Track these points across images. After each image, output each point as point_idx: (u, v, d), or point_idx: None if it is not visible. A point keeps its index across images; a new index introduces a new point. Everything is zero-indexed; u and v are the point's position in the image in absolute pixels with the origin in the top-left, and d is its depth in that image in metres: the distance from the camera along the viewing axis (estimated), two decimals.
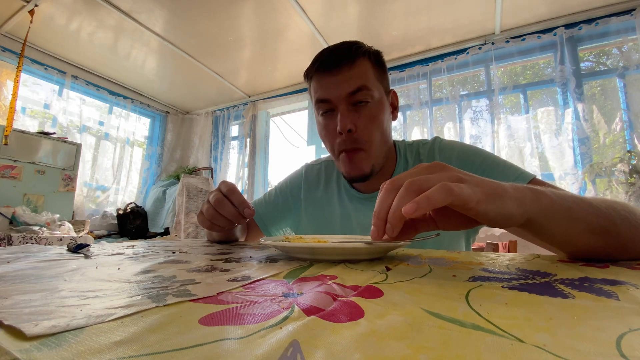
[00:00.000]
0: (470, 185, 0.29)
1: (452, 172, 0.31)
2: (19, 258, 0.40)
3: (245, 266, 0.35)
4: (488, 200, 0.29)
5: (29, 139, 2.52)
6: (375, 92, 0.63)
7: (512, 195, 0.30)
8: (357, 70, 0.62)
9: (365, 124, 0.62)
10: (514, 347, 0.13)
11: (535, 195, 0.32)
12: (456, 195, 0.27)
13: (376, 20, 2.38)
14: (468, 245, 0.71)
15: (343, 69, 0.62)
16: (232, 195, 0.57)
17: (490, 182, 0.31)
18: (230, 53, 2.85)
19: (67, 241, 1.44)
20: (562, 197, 0.33)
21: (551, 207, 0.32)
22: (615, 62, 2.28)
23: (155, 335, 0.15)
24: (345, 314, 0.18)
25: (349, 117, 0.62)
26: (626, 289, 0.22)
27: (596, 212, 0.34)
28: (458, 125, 2.60)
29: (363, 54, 0.63)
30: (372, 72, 0.64)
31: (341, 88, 0.62)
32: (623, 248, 0.35)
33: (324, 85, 0.64)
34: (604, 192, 2.05)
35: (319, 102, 0.65)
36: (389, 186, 0.32)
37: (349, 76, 0.61)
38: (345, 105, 0.62)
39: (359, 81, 0.61)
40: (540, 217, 0.32)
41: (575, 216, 0.33)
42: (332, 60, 0.63)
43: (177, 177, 3.60)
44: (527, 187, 0.33)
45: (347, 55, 0.62)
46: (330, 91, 0.63)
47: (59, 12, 2.36)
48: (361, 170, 0.64)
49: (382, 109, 0.65)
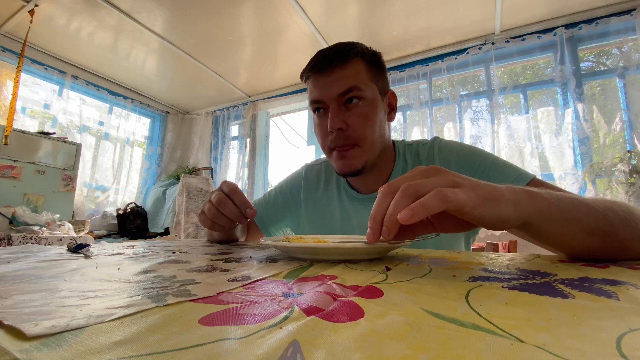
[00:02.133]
0: (465, 189, 0.29)
1: (448, 175, 0.31)
2: (19, 258, 0.40)
3: (245, 266, 0.35)
4: (483, 204, 0.29)
5: (29, 139, 2.52)
6: (367, 92, 0.63)
7: (508, 198, 0.30)
8: (348, 70, 0.63)
9: (356, 122, 0.63)
10: (514, 347, 0.13)
11: (531, 198, 0.32)
12: (450, 201, 0.27)
13: (376, 20, 2.38)
14: (468, 245, 0.71)
15: (335, 69, 0.63)
16: (234, 195, 0.57)
17: (487, 185, 0.31)
18: (230, 53, 2.85)
19: (67, 241, 1.44)
20: (559, 199, 0.33)
21: (547, 210, 0.32)
22: (615, 62, 2.28)
23: (155, 335, 0.15)
24: (345, 314, 0.18)
25: (339, 116, 0.62)
26: (626, 289, 0.22)
27: (593, 213, 0.34)
28: (458, 125, 2.60)
29: (356, 55, 0.64)
30: (365, 73, 0.64)
31: (332, 88, 0.63)
32: (621, 249, 0.35)
33: (317, 85, 0.65)
34: (604, 192, 2.05)
35: (312, 102, 0.67)
36: (385, 189, 0.32)
37: (340, 77, 0.62)
38: (336, 105, 0.63)
39: (350, 82, 0.62)
40: (536, 220, 0.32)
41: (571, 218, 0.33)
42: (325, 61, 0.64)
43: (177, 177, 3.60)
44: (523, 189, 0.33)
45: (339, 57, 0.63)
46: (322, 91, 0.64)
47: (59, 12, 2.36)
48: (353, 167, 0.64)
49: (374, 109, 0.65)
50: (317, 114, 0.68)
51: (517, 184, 0.57)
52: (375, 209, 0.32)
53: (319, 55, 0.65)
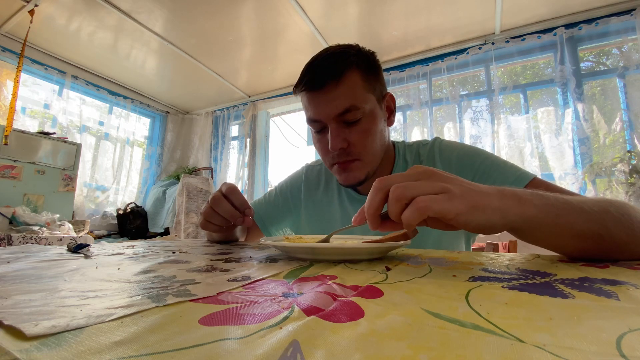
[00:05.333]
0: (451, 197, 0.30)
1: (438, 181, 0.32)
2: (19, 258, 0.40)
3: (245, 266, 0.35)
4: (468, 212, 0.30)
5: (29, 139, 2.52)
6: (366, 106, 0.60)
7: (495, 206, 0.31)
8: (343, 88, 0.59)
9: (358, 138, 0.61)
10: (514, 347, 0.13)
11: (520, 205, 0.32)
12: (430, 211, 0.29)
13: (376, 21, 2.38)
14: (468, 245, 0.71)
15: (329, 88, 0.59)
16: (232, 195, 0.57)
17: (475, 192, 0.31)
18: (230, 53, 2.85)
19: (67, 241, 1.44)
20: (552, 205, 0.33)
21: (536, 216, 0.32)
22: (615, 62, 2.28)
23: (155, 335, 0.15)
24: (345, 314, 0.18)
25: (339, 135, 0.60)
26: (626, 289, 0.22)
27: (587, 217, 0.34)
28: (458, 125, 2.60)
29: (350, 66, 0.60)
30: (361, 85, 0.60)
31: (329, 108, 0.60)
32: (617, 250, 0.35)
33: (312, 104, 0.62)
34: (604, 192, 2.05)
35: (310, 121, 0.64)
36: (377, 185, 0.33)
37: (336, 96, 0.59)
38: (335, 125, 0.60)
39: (347, 102, 0.59)
40: (524, 226, 0.33)
41: (562, 223, 0.33)
42: (317, 78, 0.60)
43: (177, 177, 3.60)
44: (514, 195, 0.33)
45: (332, 72, 0.59)
46: (318, 110, 0.61)
47: (59, 12, 2.36)
48: (355, 179, 0.64)
49: (374, 121, 0.62)
50: (314, 130, 0.65)
51: (517, 183, 0.57)
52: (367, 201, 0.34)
53: (311, 70, 0.61)
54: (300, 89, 0.63)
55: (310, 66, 0.62)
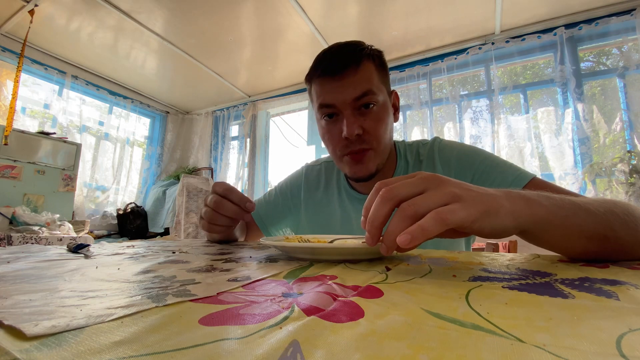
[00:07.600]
0: (465, 204, 0.29)
1: (448, 188, 0.30)
2: (19, 258, 0.40)
3: (245, 266, 0.34)
4: (483, 218, 0.29)
5: (29, 139, 2.52)
6: (380, 96, 0.62)
7: (507, 209, 0.30)
8: (362, 74, 0.60)
9: (372, 126, 0.61)
10: (514, 347, 0.13)
11: (529, 207, 0.31)
12: (449, 223, 0.28)
13: (376, 20, 2.38)
14: (468, 245, 0.71)
15: (348, 73, 0.60)
16: (231, 194, 0.57)
17: (486, 196, 0.30)
18: (230, 53, 2.85)
19: (67, 241, 1.44)
20: (558, 205, 0.33)
21: (545, 217, 0.32)
22: (615, 62, 2.28)
23: (155, 335, 0.15)
24: (345, 314, 0.18)
25: (356, 122, 0.60)
26: (626, 289, 0.22)
27: (593, 218, 0.33)
28: (458, 125, 2.60)
29: (367, 57, 0.62)
30: (376, 75, 0.62)
31: (346, 93, 0.60)
32: (622, 251, 0.35)
33: (328, 89, 0.62)
34: (604, 192, 2.05)
35: (322, 106, 0.64)
36: (384, 195, 0.31)
37: (354, 81, 0.60)
38: (351, 110, 0.61)
39: (365, 86, 0.60)
40: (534, 228, 0.32)
41: (570, 224, 0.33)
42: (337, 64, 0.60)
43: (177, 177, 3.60)
44: (522, 196, 0.32)
45: (352, 59, 0.60)
46: (334, 96, 0.61)
47: (59, 12, 2.36)
48: (368, 170, 0.64)
49: (386, 112, 0.64)
50: (326, 119, 0.65)
51: (516, 183, 0.57)
52: (372, 213, 0.31)
53: (328, 57, 0.62)
54: (317, 75, 0.63)
55: (326, 53, 0.63)
